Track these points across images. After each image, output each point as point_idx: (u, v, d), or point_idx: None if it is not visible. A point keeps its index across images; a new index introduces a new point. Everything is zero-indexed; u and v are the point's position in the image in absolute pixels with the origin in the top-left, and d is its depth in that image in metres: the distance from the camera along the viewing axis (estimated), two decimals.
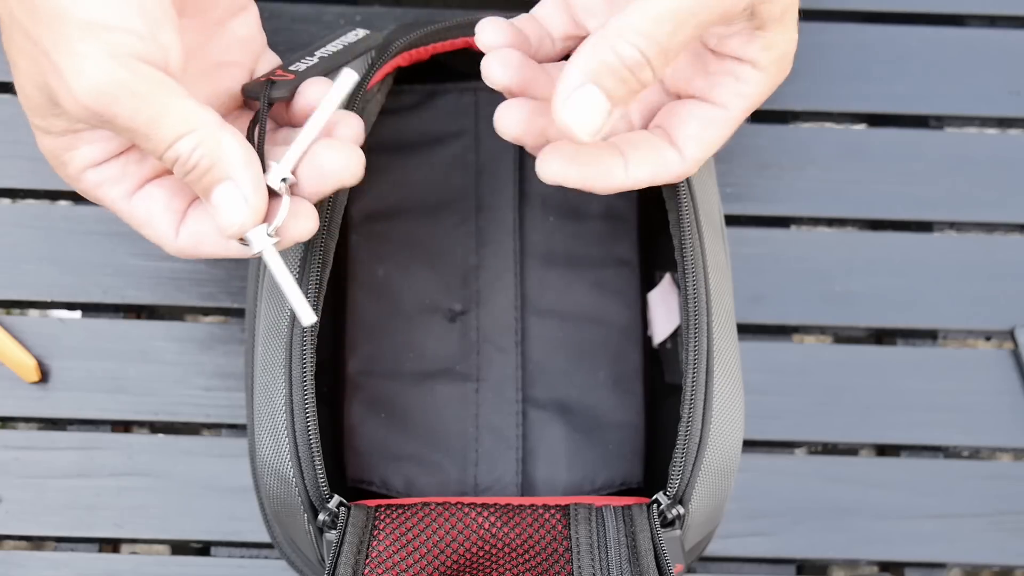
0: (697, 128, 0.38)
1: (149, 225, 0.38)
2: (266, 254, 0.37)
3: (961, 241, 0.60)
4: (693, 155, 0.38)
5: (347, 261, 0.55)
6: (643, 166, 0.38)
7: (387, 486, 0.53)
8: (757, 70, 0.37)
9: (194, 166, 0.35)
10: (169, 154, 0.35)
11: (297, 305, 0.37)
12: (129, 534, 0.55)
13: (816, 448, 0.61)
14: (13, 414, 0.56)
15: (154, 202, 0.38)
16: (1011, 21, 0.62)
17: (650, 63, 0.34)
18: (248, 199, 0.36)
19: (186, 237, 0.38)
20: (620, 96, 0.35)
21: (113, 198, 0.38)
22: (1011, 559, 0.57)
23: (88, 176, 0.37)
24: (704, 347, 0.43)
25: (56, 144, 0.37)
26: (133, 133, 0.35)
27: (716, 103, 0.38)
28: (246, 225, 0.36)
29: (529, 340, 0.54)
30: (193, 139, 0.35)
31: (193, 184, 0.36)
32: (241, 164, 0.36)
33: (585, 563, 0.40)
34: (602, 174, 0.37)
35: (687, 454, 0.42)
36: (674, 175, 0.38)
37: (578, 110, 0.35)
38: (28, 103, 0.36)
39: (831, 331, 0.60)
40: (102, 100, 0.34)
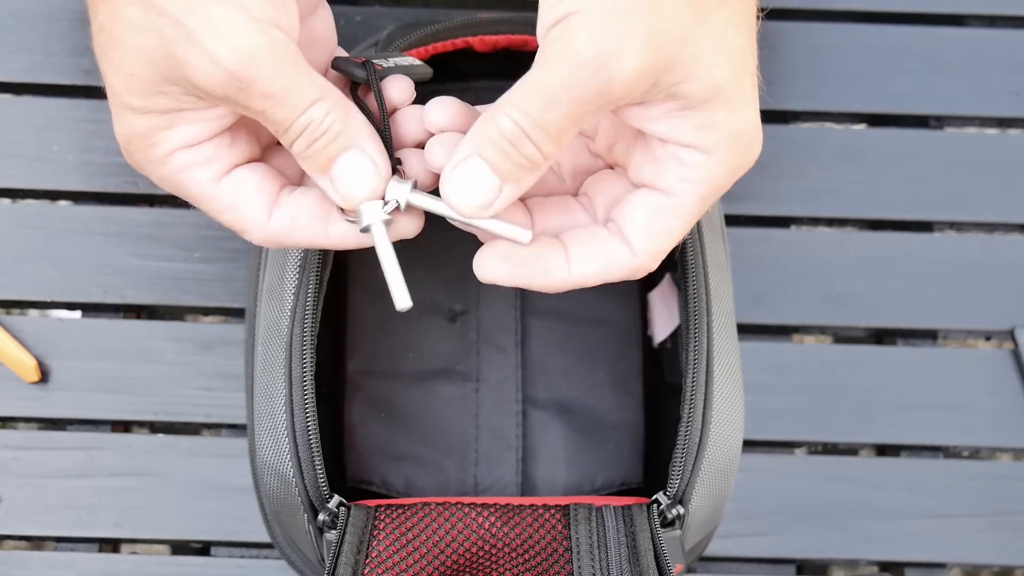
0: (644, 219, 0.36)
1: (236, 209, 0.37)
2: (375, 229, 0.36)
3: (961, 241, 0.60)
4: (643, 248, 0.36)
5: (347, 261, 0.55)
6: (588, 262, 0.36)
7: (387, 486, 0.53)
8: (702, 153, 0.35)
9: (325, 131, 0.35)
10: (302, 119, 0.34)
11: (396, 288, 0.37)
12: (129, 534, 0.55)
13: (816, 448, 0.61)
14: (13, 414, 0.56)
15: (246, 184, 0.37)
16: (1011, 21, 0.62)
17: (529, 137, 0.33)
18: (378, 163, 0.35)
19: (280, 221, 0.37)
20: (506, 171, 0.34)
21: (200, 181, 0.37)
22: (1011, 559, 0.57)
23: (177, 158, 0.36)
24: (704, 347, 0.43)
25: (151, 124, 0.36)
26: (268, 100, 0.34)
27: (663, 190, 0.36)
28: (375, 192, 0.35)
29: (529, 340, 0.54)
30: (326, 104, 0.35)
31: (317, 154, 0.35)
32: (369, 133, 0.36)
33: (585, 563, 0.40)
34: (540, 272, 0.36)
35: (687, 454, 0.42)
36: (626, 270, 0.36)
37: (461, 182, 0.34)
38: (129, 82, 0.35)
39: (831, 331, 0.60)
40: (246, 64, 0.33)
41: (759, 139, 0.36)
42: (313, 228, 0.37)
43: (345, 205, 0.36)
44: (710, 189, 0.36)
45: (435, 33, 0.47)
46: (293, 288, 0.43)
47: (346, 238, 0.37)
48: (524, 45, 0.48)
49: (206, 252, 0.58)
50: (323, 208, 0.37)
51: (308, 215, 0.37)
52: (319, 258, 0.43)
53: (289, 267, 0.43)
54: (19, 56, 0.59)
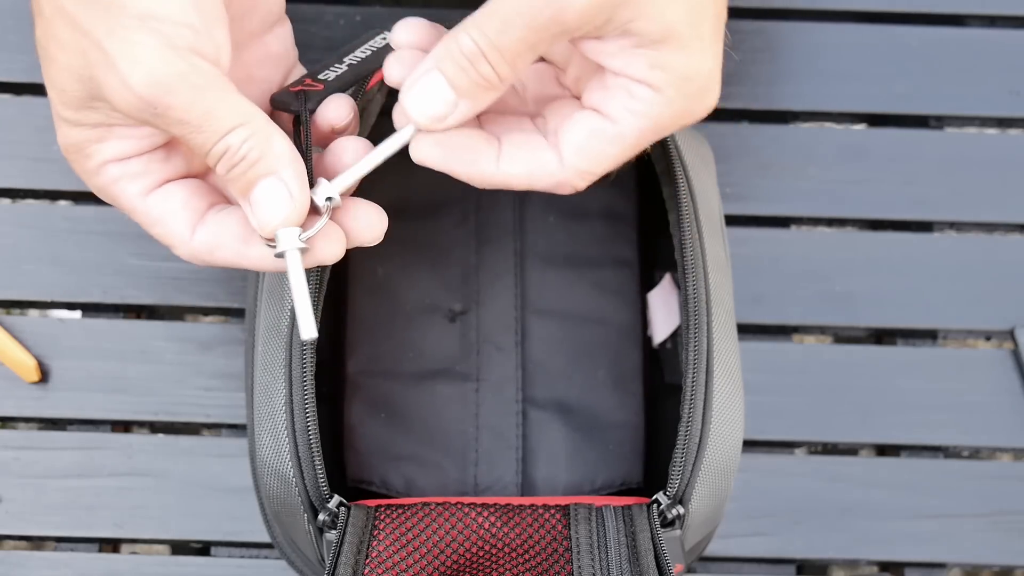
0: (582, 136, 0.36)
1: (163, 224, 0.37)
2: (289, 256, 0.36)
3: (961, 241, 0.60)
4: (573, 163, 0.36)
5: (347, 261, 0.55)
6: (516, 162, 0.37)
7: (387, 486, 0.53)
8: (652, 90, 0.35)
9: (243, 157, 0.35)
10: (219, 146, 0.35)
11: (303, 317, 0.37)
12: (129, 534, 0.55)
13: (816, 448, 0.61)
14: (13, 414, 0.56)
15: (173, 200, 0.37)
16: (1011, 21, 0.62)
17: (485, 57, 0.34)
18: (294, 195, 0.36)
19: (203, 239, 0.37)
20: (463, 87, 0.35)
21: (130, 194, 0.37)
22: (1011, 559, 0.57)
23: (109, 170, 0.37)
24: (704, 347, 0.43)
25: (84, 136, 0.36)
26: (185, 125, 0.34)
27: (607, 115, 0.37)
28: (288, 221, 0.35)
29: (529, 340, 0.54)
30: (245, 131, 0.35)
31: (236, 179, 0.35)
32: (288, 161, 0.36)
33: (585, 563, 0.40)
34: (468, 162, 0.37)
35: (687, 454, 0.42)
36: (551, 179, 0.37)
37: (419, 93, 0.35)
38: (62, 96, 0.36)
39: (831, 331, 0.60)
40: (158, 90, 0.33)
41: (714, 88, 0.37)
42: (234, 248, 0.37)
43: (261, 232, 0.36)
44: (653, 126, 0.36)
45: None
46: None
47: (263, 260, 0.37)
48: None
49: None
50: (245, 229, 0.37)
51: (230, 235, 0.37)
52: None
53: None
54: (19, 56, 0.59)
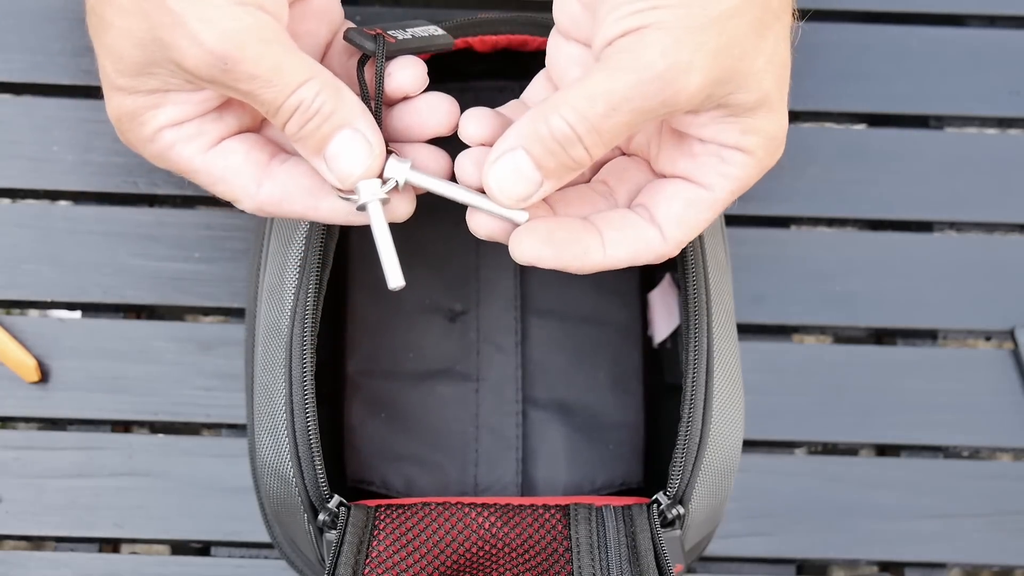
0: (680, 208, 0.37)
1: (226, 180, 0.37)
2: (372, 208, 0.36)
3: (961, 241, 0.60)
4: (675, 236, 0.37)
5: (347, 261, 0.55)
6: (622, 246, 0.37)
7: (387, 486, 0.53)
8: (744, 154, 0.36)
9: (316, 111, 0.35)
10: (291, 100, 0.35)
11: (389, 267, 0.37)
12: (129, 534, 0.55)
13: (816, 448, 0.61)
14: (13, 414, 0.56)
15: (234, 155, 0.37)
16: (1011, 21, 0.62)
17: (581, 140, 0.34)
18: (373, 144, 0.36)
19: (270, 191, 0.37)
20: (551, 168, 0.35)
21: (189, 155, 0.37)
22: (1011, 559, 0.57)
23: (164, 135, 0.37)
24: (704, 347, 0.43)
25: (139, 104, 0.36)
26: (255, 81, 0.34)
27: (700, 184, 0.37)
28: (370, 171, 0.36)
29: (529, 340, 0.54)
30: (316, 85, 0.35)
31: (310, 135, 0.35)
32: (362, 111, 0.36)
33: (585, 563, 0.40)
34: (579, 255, 0.36)
35: (687, 454, 0.42)
36: (654, 255, 0.37)
37: (504, 173, 0.35)
38: (118, 64, 0.36)
39: (831, 331, 0.60)
40: (230, 46, 0.33)
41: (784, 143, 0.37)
42: (303, 202, 0.37)
43: (341, 185, 0.36)
44: (743, 186, 0.37)
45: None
46: (293, 288, 0.43)
47: (335, 213, 0.37)
48: (524, 45, 0.48)
49: (206, 252, 0.58)
50: (314, 182, 0.37)
51: (299, 188, 0.37)
52: (319, 258, 0.43)
53: (289, 267, 0.43)
54: (19, 56, 0.59)
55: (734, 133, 0.36)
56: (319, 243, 0.43)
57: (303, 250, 0.43)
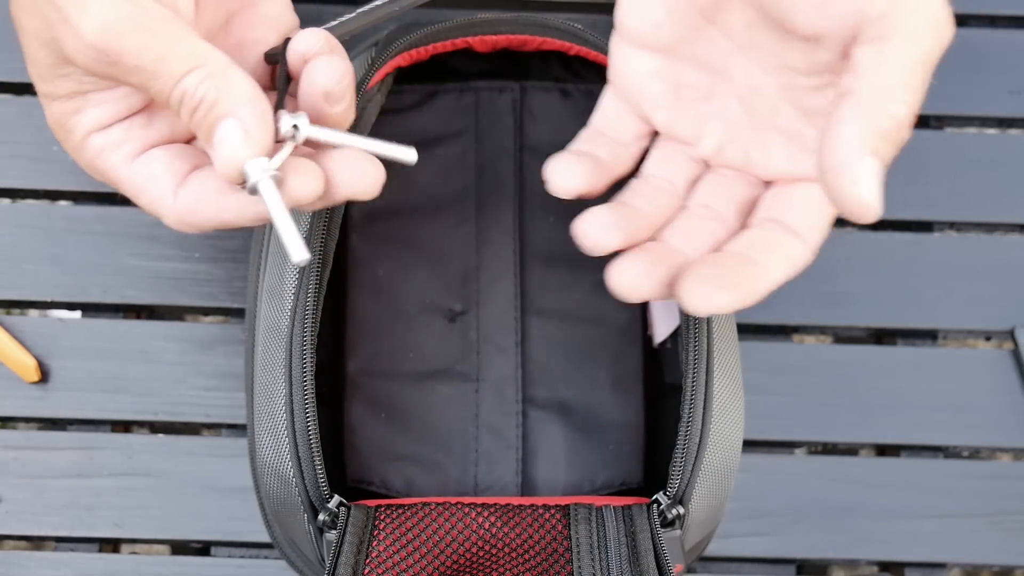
0: (816, 215, 0.35)
1: (147, 190, 0.36)
2: (262, 186, 0.34)
3: (961, 241, 0.60)
4: (815, 241, 0.35)
5: (347, 261, 0.55)
6: (778, 268, 0.35)
7: (387, 486, 0.53)
8: None
9: (200, 100, 0.34)
10: (176, 92, 0.34)
11: (290, 242, 0.34)
12: (129, 534, 0.55)
13: (816, 448, 0.61)
14: (13, 414, 0.56)
15: (155, 163, 0.36)
16: (1011, 21, 0.62)
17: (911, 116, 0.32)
18: (250, 132, 0.34)
19: (184, 199, 0.36)
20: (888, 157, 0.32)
21: (115, 163, 0.37)
22: (1011, 559, 0.57)
23: (92, 142, 0.36)
24: (704, 347, 0.43)
25: (63, 109, 0.36)
26: (141, 73, 0.33)
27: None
28: (242, 159, 0.34)
29: (529, 340, 0.54)
30: (200, 73, 0.34)
31: (199, 124, 0.34)
32: (246, 99, 0.34)
33: (585, 563, 0.40)
34: (753, 289, 0.34)
35: (687, 454, 0.42)
36: (802, 265, 0.35)
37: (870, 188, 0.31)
38: (36, 68, 0.35)
39: (831, 331, 0.60)
40: (108, 36, 0.33)
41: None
42: (215, 203, 0.36)
43: (223, 174, 0.34)
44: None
45: (435, 33, 0.47)
46: (293, 288, 0.43)
47: (242, 209, 0.36)
48: (523, 45, 0.48)
49: (206, 252, 0.58)
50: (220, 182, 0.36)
51: (207, 191, 0.36)
52: (319, 258, 0.43)
53: (289, 267, 0.43)
54: (20, 56, 0.59)
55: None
56: (319, 243, 0.43)
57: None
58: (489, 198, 0.55)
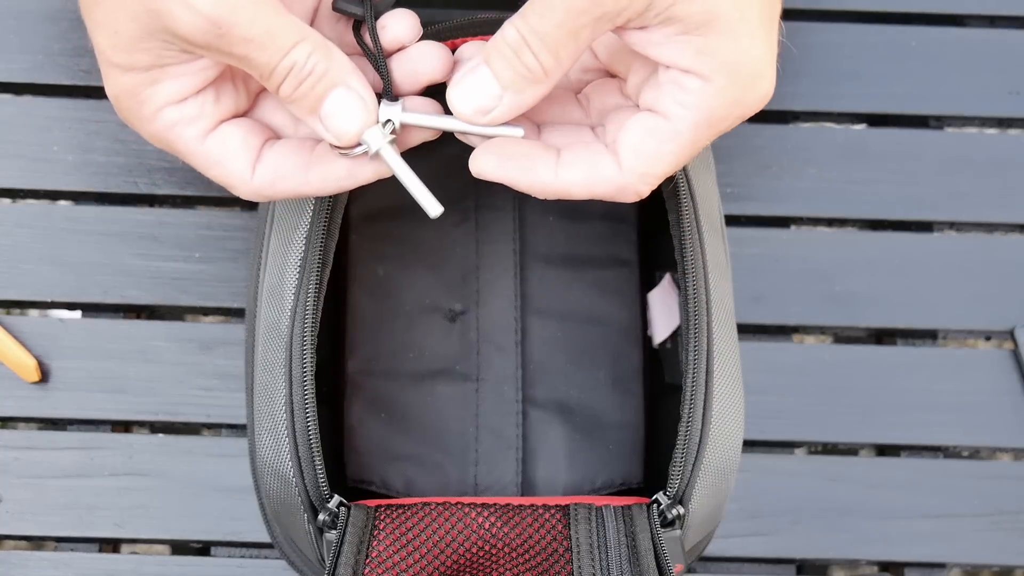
0: (637, 138, 0.36)
1: (222, 164, 0.38)
2: (385, 152, 0.37)
3: (961, 241, 0.60)
4: (631, 166, 0.36)
5: (347, 261, 0.55)
6: (574, 168, 0.37)
7: (387, 486, 0.53)
8: (700, 79, 0.35)
9: (310, 72, 0.35)
10: (284, 63, 0.35)
11: (423, 198, 0.38)
12: (129, 534, 0.55)
13: (816, 448, 0.61)
14: (13, 414, 0.56)
15: (231, 139, 0.38)
16: (1011, 21, 0.62)
17: (529, 46, 0.35)
18: (365, 98, 0.36)
19: (263, 174, 0.38)
20: (508, 79, 0.35)
21: (188, 138, 0.38)
22: (1011, 559, 0.57)
23: (165, 115, 0.37)
24: (704, 347, 0.43)
25: (138, 80, 0.36)
26: (249, 44, 0.34)
27: (660, 113, 0.36)
28: (365, 124, 0.36)
29: (529, 340, 0.54)
30: (308, 46, 0.35)
31: (304, 96, 0.36)
32: (351, 69, 0.36)
33: (585, 563, 0.40)
34: (525, 169, 0.37)
35: (687, 454, 0.42)
36: (611, 186, 0.37)
37: (466, 87, 0.36)
38: (115, 39, 0.36)
39: (831, 331, 0.60)
40: (223, 11, 0.34)
41: (766, 76, 0.36)
42: (294, 178, 0.38)
43: (339, 143, 0.37)
44: (706, 117, 0.36)
45: (435, 33, 0.47)
46: (293, 288, 0.43)
47: (325, 183, 0.38)
48: None
49: (206, 252, 0.58)
50: (300, 159, 0.38)
51: (288, 166, 0.38)
52: (319, 258, 0.43)
53: (289, 267, 0.43)
54: (20, 56, 0.59)
55: (688, 54, 0.35)
56: (319, 243, 0.43)
57: (303, 250, 0.43)
58: (489, 198, 0.55)
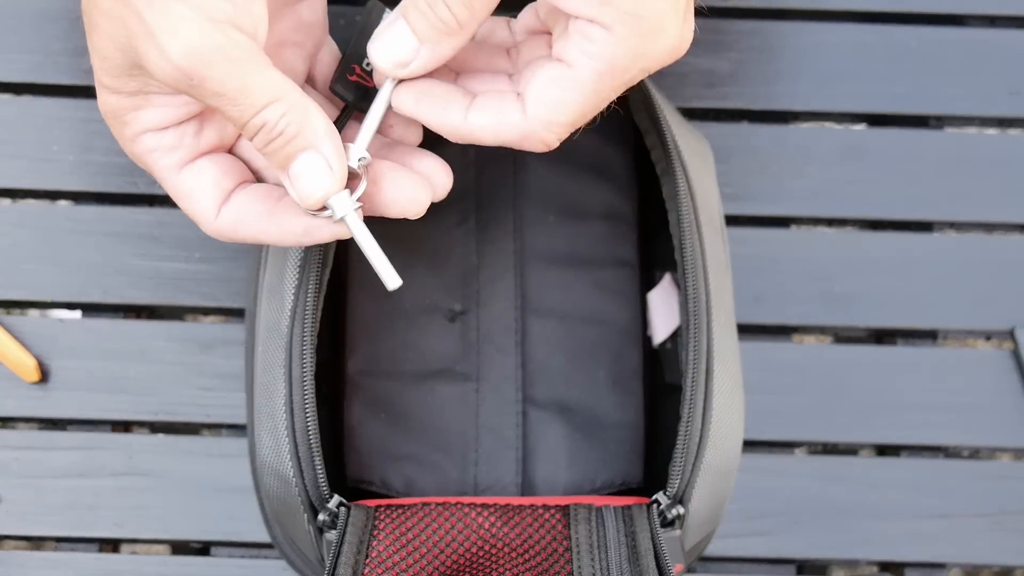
0: (542, 85, 0.37)
1: (191, 199, 0.38)
2: (349, 219, 0.37)
3: (961, 241, 0.60)
4: (536, 113, 0.37)
5: (347, 261, 0.55)
6: (482, 113, 0.37)
7: (387, 486, 0.53)
8: (602, 28, 0.36)
9: (280, 132, 0.35)
10: (255, 120, 0.35)
11: (383, 270, 0.38)
12: (129, 534, 0.55)
13: (816, 448, 0.61)
14: (13, 414, 0.56)
15: (204, 177, 0.38)
16: (1011, 21, 0.62)
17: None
18: (333, 167, 0.36)
19: (227, 217, 0.38)
20: (424, 32, 0.36)
21: (163, 166, 0.38)
22: (1011, 559, 0.57)
23: (145, 140, 0.38)
24: (704, 347, 0.43)
25: (122, 104, 0.37)
26: (221, 98, 0.35)
27: (565, 62, 0.37)
28: (329, 192, 0.36)
29: (529, 340, 0.54)
30: (281, 107, 0.35)
31: (274, 153, 0.36)
32: (324, 134, 0.36)
33: (585, 563, 0.40)
34: (440, 109, 0.38)
35: (687, 454, 0.42)
36: (515, 131, 0.37)
37: (384, 41, 0.37)
38: (103, 63, 0.36)
39: (831, 331, 0.60)
40: (195, 63, 0.34)
41: (671, 29, 0.36)
42: (256, 225, 0.38)
43: (303, 205, 0.37)
44: (608, 67, 0.36)
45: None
46: (293, 288, 0.43)
47: (284, 236, 0.38)
48: None
49: (206, 252, 0.58)
50: (265, 207, 0.38)
51: (251, 213, 0.38)
52: (319, 258, 0.43)
53: (289, 267, 0.43)
54: (20, 56, 0.59)
55: (593, 4, 0.35)
56: (319, 243, 0.43)
57: (303, 250, 0.43)
58: (488, 197, 0.55)
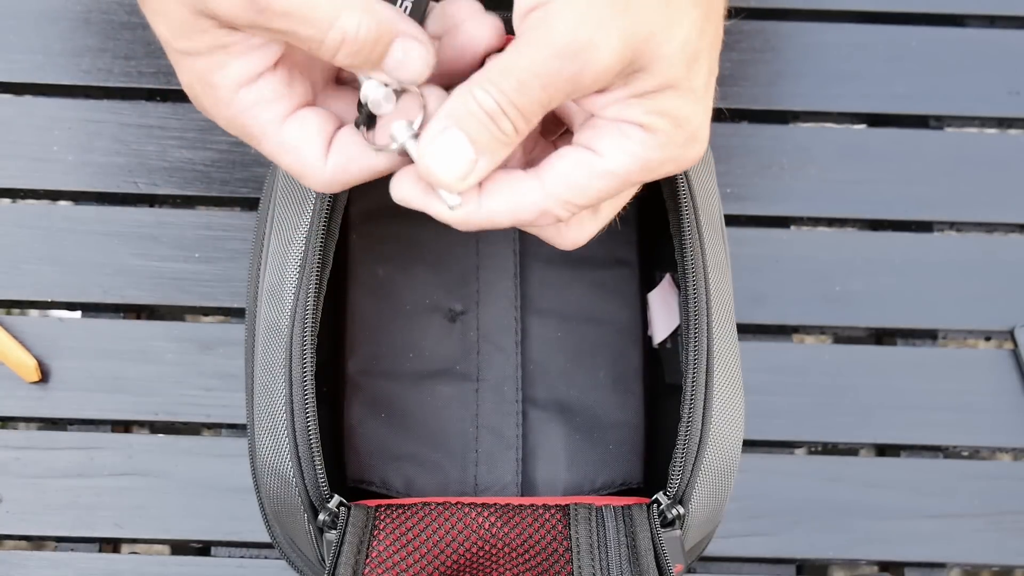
0: (569, 166, 0.36)
1: (298, 152, 0.37)
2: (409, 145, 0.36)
3: (961, 241, 0.60)
4: (553, 190, 0.36)
5: (347, 261, 0.55)
6: (498, 198, 0.36)
7: (387, 486, 0.53)
8: (645, 131, 0.35)
9: (364, 39, 0.34)
10: (333, 35, 0.34)
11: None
12: (129, 534, 0.55)
13: (816, 448, 0.61)
14: (13, 414, 0.56)
15: (309, 125, 0.37)
16: (1011, 21, 0.62)
17: (506, 113, 0.34)
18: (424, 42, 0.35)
19: (335, 160, 0.37)
20: (484, 144, 0.35)
21: (266, 121, 0.37)
22: (1011, 559, 0.57)
23: (242, 96, 0.36)
24: (704, 347, 0.43)
25: (205, 65, 0.36)
26: (290, 19, 0.34)
27: (595, 151, 0.36)
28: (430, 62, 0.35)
29: (529, 340, 0.54)
30: (353, 15, 0.34)
31: (362, 62, 0.35)
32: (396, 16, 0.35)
33: (585, 563, 0.40)
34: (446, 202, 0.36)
35: (687, 454, 0.42)
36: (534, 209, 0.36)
37: (440, 154, 0.35)
38: (171, 25, 0.35)
39: (831, 331, 0.60)
40: None
41: (703, 139, 0.36)
42: (363, 159, 0.37)
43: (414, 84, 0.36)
44: (640, 165, 0.36)
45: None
46: (293, 288, 0.43)
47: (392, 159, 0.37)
48: None
49: (206, 252, 0.58)
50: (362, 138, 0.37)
51: (357, 148, 0.37)
52: (319, 258, 0.43)
53: (289, 267, 0.43)
54: (20, 56, 0.59)
55: (636, 111, 0.35)
56: (319, 243, 0.43)
57: (303, 250, 0.43)
58: None
